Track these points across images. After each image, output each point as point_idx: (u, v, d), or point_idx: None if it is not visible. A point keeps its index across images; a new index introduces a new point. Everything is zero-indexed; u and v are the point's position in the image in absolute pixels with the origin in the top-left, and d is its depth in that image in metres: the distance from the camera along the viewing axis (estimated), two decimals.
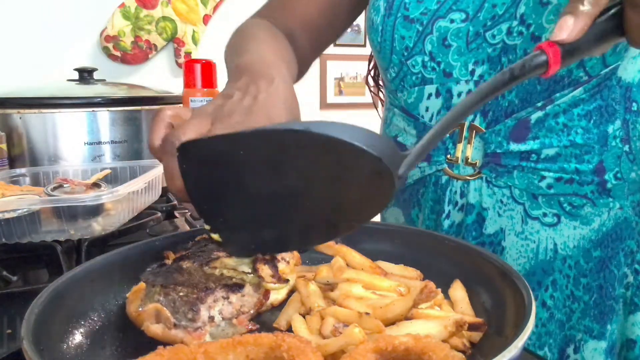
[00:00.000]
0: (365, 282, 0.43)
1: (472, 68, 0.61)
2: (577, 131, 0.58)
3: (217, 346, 0.31)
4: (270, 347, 0.30)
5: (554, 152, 0.58)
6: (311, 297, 0.42)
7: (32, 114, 1.00)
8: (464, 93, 0.61)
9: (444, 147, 0.63)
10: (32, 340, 0.32)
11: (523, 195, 0.60)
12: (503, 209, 0.61)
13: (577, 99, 0.57)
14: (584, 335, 0.61)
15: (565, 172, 0.59)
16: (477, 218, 0.62)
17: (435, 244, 0.51)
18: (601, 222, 0.59)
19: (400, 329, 0.34)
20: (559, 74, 0.57)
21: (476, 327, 0.35)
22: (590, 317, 0.61)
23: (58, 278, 0.42)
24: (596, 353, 0.61)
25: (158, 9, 1.40)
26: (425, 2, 0.62)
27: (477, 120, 0.61)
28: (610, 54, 0.56)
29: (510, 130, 0.59)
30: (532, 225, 0.60)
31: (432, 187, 0.65)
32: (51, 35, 1.29)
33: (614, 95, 0.58)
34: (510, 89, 0.59)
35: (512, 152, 0.59)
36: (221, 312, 0.40)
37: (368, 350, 0.29)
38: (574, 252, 0.60)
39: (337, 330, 0.35)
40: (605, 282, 0.60)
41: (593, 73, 0.57)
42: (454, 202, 0.63)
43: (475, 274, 0.45)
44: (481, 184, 0.61)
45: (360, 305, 0.38)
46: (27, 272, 0.71)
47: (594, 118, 0.58)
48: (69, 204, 0.70)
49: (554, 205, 0.59)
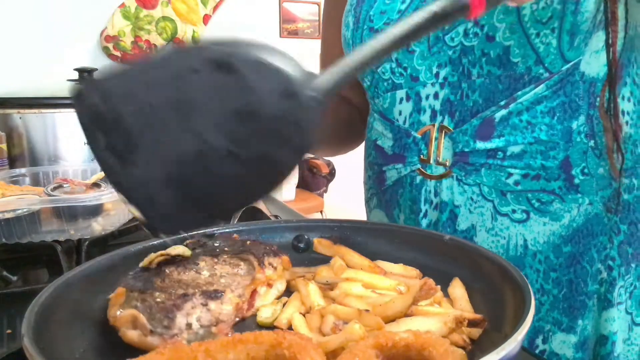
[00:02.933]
0: (364, 281, 0.43)
1: (436, 71, 0.63)
2: (541, 128, 0.59)
3: (217, 345, 0.31)
4: (271, 344, 0.30)
5: (520, 150, 0.59)
6: (311, 296, 0.42)
7: (32, 114, 1.00)
8: (431, 95, 0.63)
9: (417, 149, 0.65)
10: (33, 338, 0.32)
11: (492, 192, 0.61)
12: (474, 206, 0.62)
13: (540, 96, 0.58)
14: (552, 326, 0.62)
15: (531, 169, 0.59)
16: (450, 215, 0.63)
17: (432, 242, 0.51)
18: (571, 218, 0.60)
19: (400, 325, 0.35)
20: (518, 72, 0.58)
21: (476, 323, 0.36)
22: (558, 309, 0.62)
23: (59, 277, 0.42)
24: (564, 346, 0.62)
25: (158, 9, 1.40)
26: (388, 13, 0.64)
27: (446, 120, 0.63)
28: (568, 49, 0.56)
29: (476, 130, 0.61)
30: (502, 222, 0.61)
31: (409, 188, 0.67)
32: (51, 35, 1.30)
33: (577, 91, 0.58)
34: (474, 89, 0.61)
35: (479, 150, 0.61)
36: (199, 319, 0.39)
37: (368, 346, 0.29)
38: (544, 247, 0.61)
39: (337, 327, 0.35)
40: (576, 278, 0.61)
41: (553, 69, 0.57)
42: (429, 201, 0.65)
43: (473, 271, 0.45)
44: (452, 182, 0.63)
45: (360, 303, 0.38)
46: (27, 272, 0.71)
47: (558, 114, 0.59)
48: (69, 204, 0.70)
49: (522, 201, 0.60)
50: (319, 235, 0.55)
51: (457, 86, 0.62)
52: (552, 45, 0.56)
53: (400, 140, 0.68)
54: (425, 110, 0.65)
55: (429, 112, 0.64)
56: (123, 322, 0.39)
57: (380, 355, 0.29)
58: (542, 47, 0.56)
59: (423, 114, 0.65)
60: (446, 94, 0.63)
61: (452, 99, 0.62)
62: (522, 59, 0.58)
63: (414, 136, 0.65)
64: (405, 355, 0.30)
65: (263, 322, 0.42)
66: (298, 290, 0.44)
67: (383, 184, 0.72)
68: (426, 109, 0.64)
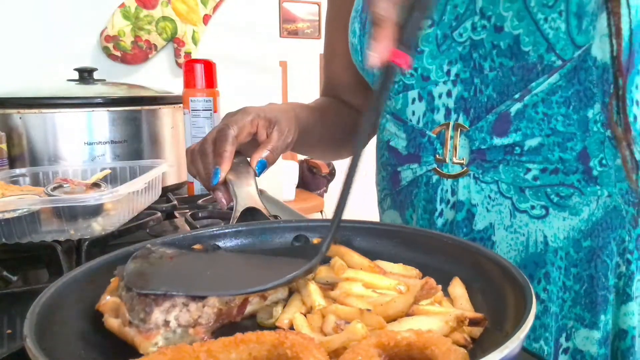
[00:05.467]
0: (365, 281, 0.43)
1: (447, 69, 0.62)
2: (557, 119, 0.58)
3: (219, 345, 0.31)
4: (273, 344, 0.30)
5: (537, 143, 0.59)
6: (312, 296, 0.42)
7: (32, 114, 1.00)
8: (444, 94, 0.63)
9: (432, 148, 0.65)
10: (36, 339, 0.32)
11: (510, 189, 0.60)
12: (491, 204, 0.62)
13: (554, 85, 0.58)
14: (575, 323, 0.61)
15: (549, 163, 0.59)
16: (467, 215, 0.63)
17: (432, 242, 0.51)
18: (590, 212, 0.59)
19: (401, 324, 0.35)
20: (530, 61, 0.57)
21: (477, 322, 0.36)
22: (581, 305, 0.61)
23: (60, 278, 0.42)
24: (588, 342, 0.61)
25: (158, 9, 1.40)
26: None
27: (461, 118, 0.62)
28: (578, 33, 0.55)
29: (492, 125, 0.60)
30: (521, 219, 0.61)
31: (424, 187, 0.66)
32: (51, 35, 1.29)
33: (591, 77, 0.57)
34: (487, 84, 0.60)
35: (496, 146, 0.60)
36: (177, 318, 0.38)
37: (370, 345, 0.29)
38: (564, 243, 0.60)
39: (338, 327, 0.35)
40: (596, 272, 0.60)
41: (565, 56, 0.56)
42: (445, 201, 0.64)
43: (473, 270, 0.45)
44: (469, 180, 0.62)
45: (361, 302, 0.38)
46: (27, 272, 0.71)
47: (573, 104, 0.58)
48: (69, 204, 0.70)
49: (541, 197, 0.60)
50: (319, 235, 0.55)
51: (470, 82, 0.61)
52: (561, 30, 0.55)
53: (415, 140, 0.67)
54: (439, 109, 0.64)
55: (442, 111, 0.64)
56: (106, 309, 0.40)
57: (382, 355, 0.29)
58: (551, 33, 0.56)
59: (437, 112, 0.64)
60: (459, 91, 0.62)
61: (465, 95, 0.62)
62: (533, 47, 0.57)
63: (429, 135, 0.65)
64: (408, 354, 0.30)
65: (264, 324, 0.42)
66: (298, 290, 0.44)
67: (398, 184, 0.71)
68: (440, 108, 0.64)
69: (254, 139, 0.68)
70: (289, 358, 0.29)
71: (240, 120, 0.66)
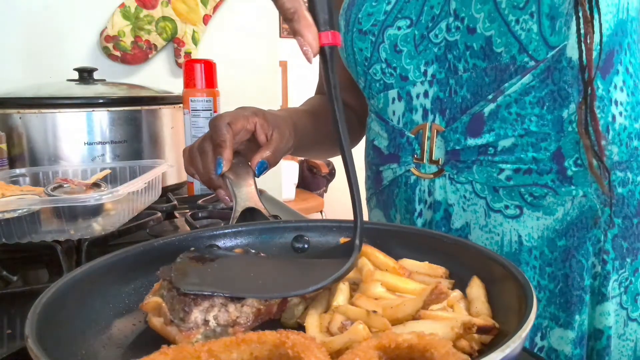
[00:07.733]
0: (389, 283, 0.42)
1: (424, 69, 0.63)
2: (530, 119, 0.58)
3: (220, 344, 0.31)
4: (274, 344, 0.30)
5: (510, 143, 0.59)
6: (335, 295, 0.41)
7: (32, 114, 1.00)
8: (421, 94, 0.64)
9: (411, 148, 0.66)
10: (37, 339, 0.32)
11: (484, 189, 0.61)
12: (467, 204, 0.62)
13: (527, 86, 0.58)
14: (550, 322, 0.62)
15: (523, 163, 0.59)
16: (445, 214, 0.64)
17: (431, 242, 0.50)
18: (565, 212, 0.59)
19: (407, 328, 0.34)
20: (503, 62, 0.57)
21: (487, 330, 0.34)
22: (555, 304, 0.61)
23: (60, 278, 0.42)
24: (562, 341, 0.61)
25: (158, 9, 1.40)
26: (375, 15, 0.65)
27: (437, 119, 0.63)
28: (551, 34, 0.55)
29: (466, 126, 0.60)
30: (495, 218, 0.61)
31: (404, 187, 0.67)
32: (51, 35, 1.29)
33: (565, 77, 0.57)
34: (462, 85, 0.60)
35: (470, 147, 0.61)
36: (217, 317, 0.39)
37: (371, 346, 0.29)
38: (539, 242, 0.60)
39: (344, 327, 0.35)
40: (571, 272, 0.60)
41: (538, 57, 0.56)
42: (423, 201, 0.65)
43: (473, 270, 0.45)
44: (445, 181, 0.63)
45: (370, 304, 0.38)
46: (27, 272, 0.71)
47: (547, 104, 0.58)
48: (69, 204, 0.70)
49: (515, 197, 0.60)
50: (319, 236, 0.55)
51: (445, 83, 0.62)
52: (533, 31, 0.55)
53: (395, 140, 0.68)
54: (417, 110, 0.65)
55: (420, 111, 0.64)
56: (149, 308, 0.40)
57: (383, 356, 0.29)
58: (523, 34, 0.55)
59: (415, 113, 0.65)
60: (435, 91, 0.63)
61: (441, 96, 0.62)
62: (505, 48, 0.57)
63: (408, 136, 0.65)
64: (409, 357, 0.30)
65: (287, 324, 0.42)
66: (329, 288, 0.43)
67: (380, 183, 0.72)
68: (418, 108, 0.64)
69: (255, 143, 0.68)
70: (291, 358, 0.29)
71: (235, 113, 0.67)
